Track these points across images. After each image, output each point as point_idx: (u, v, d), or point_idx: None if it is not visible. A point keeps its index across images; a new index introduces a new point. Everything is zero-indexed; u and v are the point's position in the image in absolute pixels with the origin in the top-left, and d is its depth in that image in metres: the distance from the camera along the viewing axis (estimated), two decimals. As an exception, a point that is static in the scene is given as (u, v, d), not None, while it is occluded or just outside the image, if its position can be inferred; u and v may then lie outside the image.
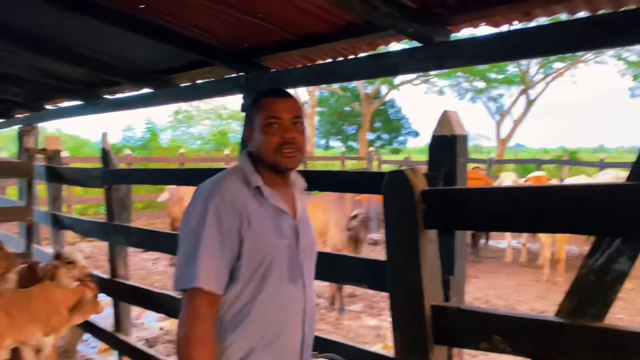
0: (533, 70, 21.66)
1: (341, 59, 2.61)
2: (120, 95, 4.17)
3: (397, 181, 1.54)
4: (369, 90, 24.67)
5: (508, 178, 8.51)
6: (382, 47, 2.48)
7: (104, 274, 3.84)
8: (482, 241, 8.89)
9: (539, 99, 22.28)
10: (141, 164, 12.71)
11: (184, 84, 3.51)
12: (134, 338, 3.98)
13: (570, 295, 1.39)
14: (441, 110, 1.84)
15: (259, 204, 1.39)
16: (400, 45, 2.44)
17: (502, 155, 21.91)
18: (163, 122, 28.93)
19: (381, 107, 29.09)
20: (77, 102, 4.58)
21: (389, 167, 14.93)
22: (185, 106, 24.52)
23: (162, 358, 3.27)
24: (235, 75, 3.03)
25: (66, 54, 3.24)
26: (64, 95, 4.60)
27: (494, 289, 6.52)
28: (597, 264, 1.34)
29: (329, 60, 2.66)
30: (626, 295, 5.93)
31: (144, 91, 3.79)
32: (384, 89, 26.00)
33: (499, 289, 6.50)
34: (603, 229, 1.30)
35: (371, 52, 2.50)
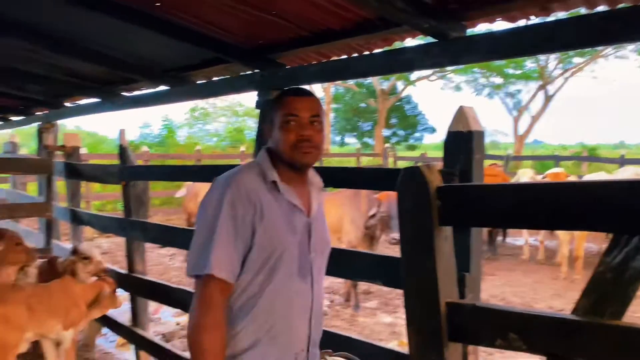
0: (552, 66, 21.41)
1: (356, 55, 2.61)
2: (137, 93, 4.22)
3: (412, 177, 1.54)
4: (385, 87, 24.58)
5: (526, 175, 8.38)
6: (397, 43, 2.47)
7: (122, 270, 3.89)
8: (499, 238, 8.82)
9: (557, 94, 22.05)
10: (158, 160, 12.77)
11: (199, 81, 3.54)
12: (151, 333, 4.03)
13: (587, 293, 1.37)
14: (458, 106, 1.83)
15: (274, 198, 1.41)
16: (416, 41, 2.42)
17: (520, 152, 21.69)
18: (180, 119, 29.23)
19: (397, 104, 28.98)
20: (95, 99, 4.65)
21: (404, 164, 14.79)
22: (202, 103, 24.73)
23: (178, 352, 3.31)
24: (250, 72, 3.05)
25: (85, 52, 3.30)
26: (83, 92, 4.67)
27: (511, 286, 6.46)
28: (615, 261, 1.32)
29: (344, 56, 2.65)
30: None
31: (160, 88, 3.82)
32: (400, 85, 25.89)
33: (515, 287, 6.44)
34: (621, 226, 1.27)
35: (386, 48, 2.49)
